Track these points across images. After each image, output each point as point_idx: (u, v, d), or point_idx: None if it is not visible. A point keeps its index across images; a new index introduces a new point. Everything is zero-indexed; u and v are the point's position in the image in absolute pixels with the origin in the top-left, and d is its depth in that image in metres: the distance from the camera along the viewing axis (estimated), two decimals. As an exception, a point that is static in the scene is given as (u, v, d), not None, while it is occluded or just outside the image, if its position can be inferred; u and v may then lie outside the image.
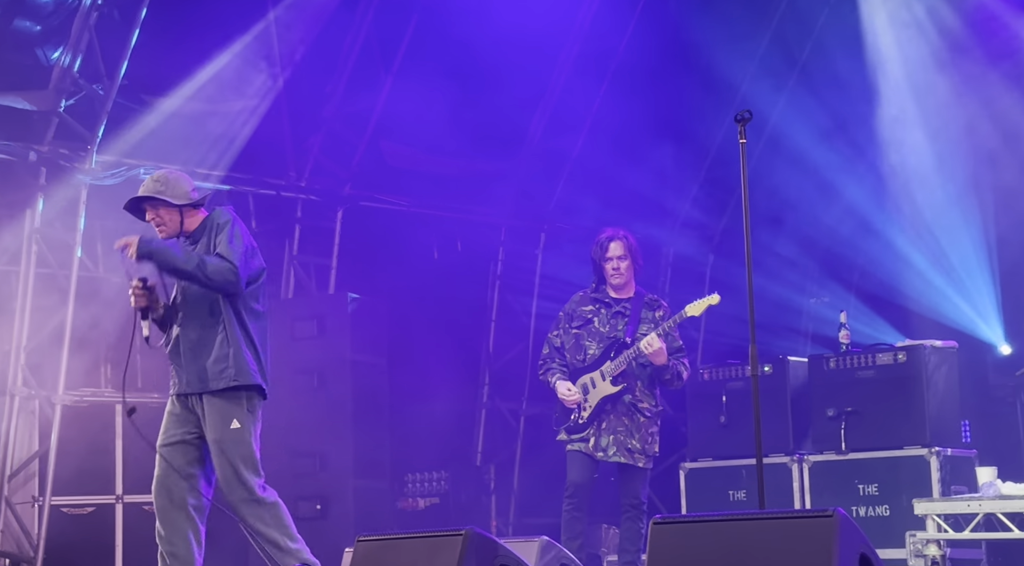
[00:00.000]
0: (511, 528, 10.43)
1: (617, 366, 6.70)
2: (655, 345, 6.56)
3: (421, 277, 10.24)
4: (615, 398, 6.71)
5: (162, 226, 5.60)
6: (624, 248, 6.79)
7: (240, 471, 5.52)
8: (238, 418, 5.52)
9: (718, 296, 6.61)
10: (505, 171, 10.66)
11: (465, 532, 4.68)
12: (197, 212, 5.68)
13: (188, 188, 5.65)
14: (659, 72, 10.55)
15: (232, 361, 5.49)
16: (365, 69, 9.62)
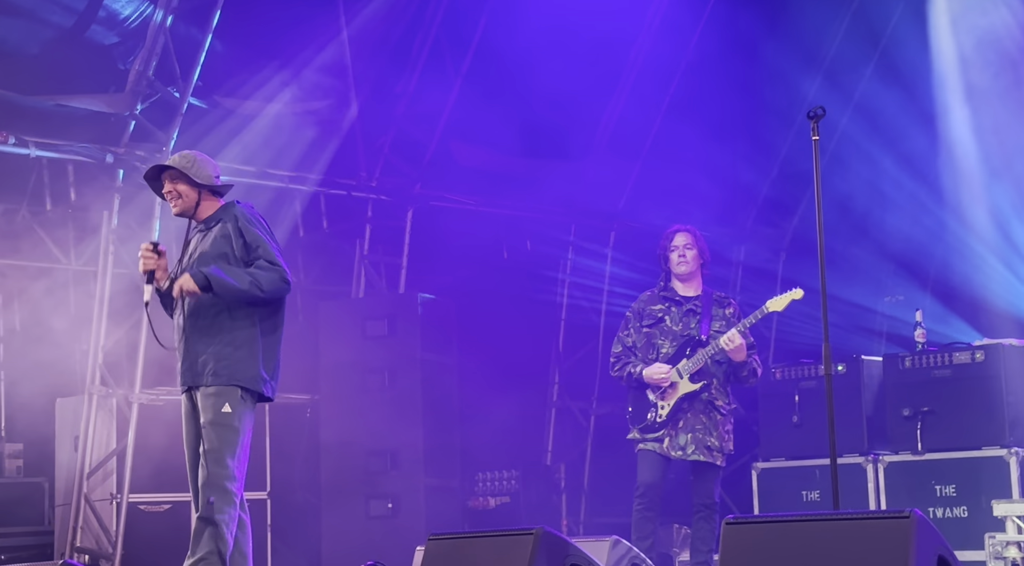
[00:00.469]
0: (581, 527, 10.41)
1: (695, 364, 6.66)
2: (736, 341, 6.52)
3: (491, 276, 10.25)
4: (693, 396, 6.67)
5: (177, 200, 5.47)
6: (690, 238, 6.76)
7: (223, 454, 5.33)
8: (231, 403, 5.35)
9: (801, 291, 6.53)
10: (575, 170, 10.64)
11: (536, 531, 4.68)
12: (215, 200, 5.55)
13: (213, 173, 5.55)
14: (729, 71, 10.47)
15: (234, 361, 5.35)
16: (435, 69, 9.65)
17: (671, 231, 6.82)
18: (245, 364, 5.35)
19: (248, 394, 5.39)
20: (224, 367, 5.33)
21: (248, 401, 5.40)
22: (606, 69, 10.28)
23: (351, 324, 9.18)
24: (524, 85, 9.68)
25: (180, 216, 5.52)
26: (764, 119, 10.84)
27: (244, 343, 5.36)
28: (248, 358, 5.36)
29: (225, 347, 5.34)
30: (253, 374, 5.36)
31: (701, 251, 6.80)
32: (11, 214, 8.53)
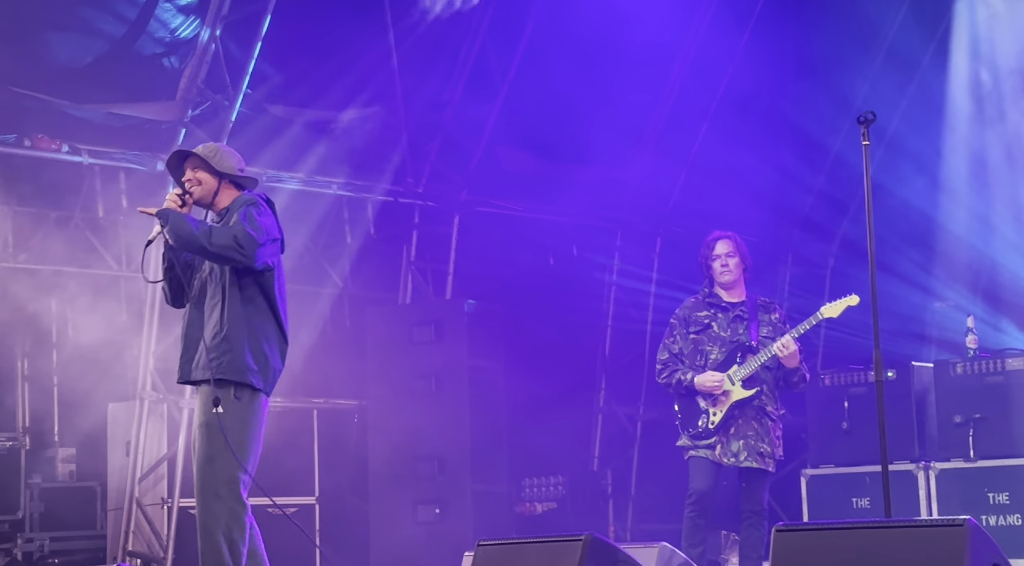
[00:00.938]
0: (629, 533, 10.38)
1: (747, 370, 6.61)
2: (791, 348, 6.47)
3: (537, 281, 10.26)
4: (745, 403, 6.62)
5: (197, 186, 5.36)
6: (731, 246, 6.71)
7: (215, 459, 5.14)
8: (224, 401, 5.16)
9: (857, 297, 6.47)
10: (621, 176, 10.63)
11: (585, 537, 4.68)
12: (234, 191, 5.44)
13: (236, 165, 5.44)
14: (777, 76, 10.42)
15: (224, 354, 5.18)
16: (481, 76, 9.68)
17: (712, 239, 6.77)
18: (232, 356, 5.17)
19: (244, 390, 5.20)
20: (212, 360, 5.17)
21: (246, 399, 5.20)
22: (653, 74, 10.26)
23: (398, 330, 9.22)
24: (570, 91, 9.67)
25: (197, 204, 5.41)
26: (813, 123, 10.77)
27: (231, 335, 5.20)
28: (235, 350, 5.18)
29: (213, 339, 5.20)
30: (240, 366, 5.18)
31: (743, 257, 6.75)
32: (64, 221, 8.64)
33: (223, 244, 5.12)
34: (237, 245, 5.12)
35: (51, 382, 9.73)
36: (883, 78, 10.69)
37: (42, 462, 9.34)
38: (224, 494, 5.12)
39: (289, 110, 8.96)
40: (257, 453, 5.29)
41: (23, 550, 8.77)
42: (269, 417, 8.68)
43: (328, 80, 8.99)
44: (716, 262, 6.72)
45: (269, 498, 5.77)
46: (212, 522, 5.09)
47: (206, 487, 5.12)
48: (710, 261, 6.75)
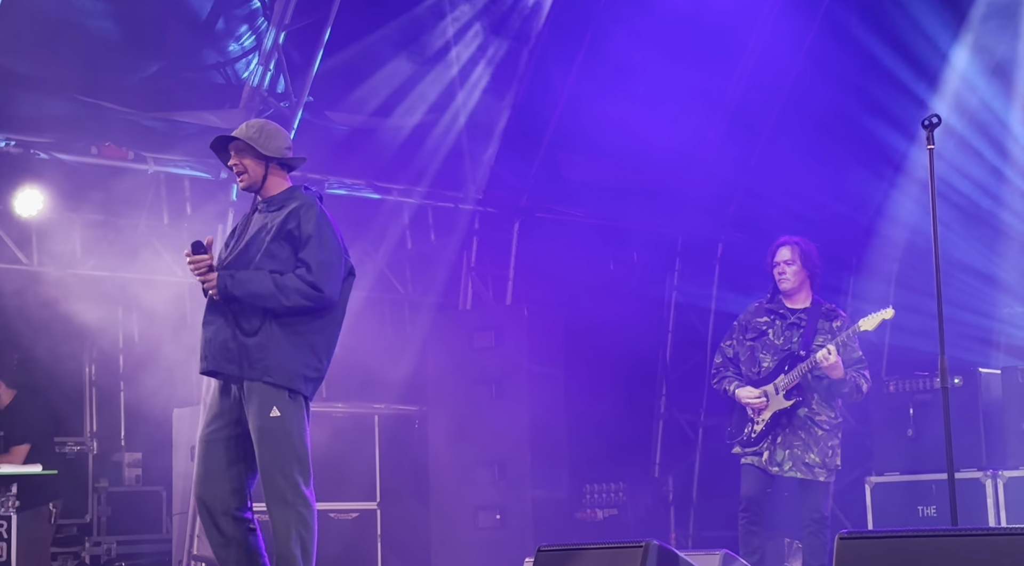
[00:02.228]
0: (690, 540, 10.33)
1: (791, 380, 6.55)
2: (832, 358, 6.40)
3: (597, 288, 10.24)
4: (790, 412, 6.57)
5: (243, 175, 5.09)
6: (793, 253, 6.63)
7: (278, 464, 4.96)
8: (279, 406, 4.97)
9: (892, 311, 6.41)
10: (682, 182, 10.58)
11: (646, 544, 4.66)
12: (284, 175, 5.14)
13: (282, 145, 5.11)
14: (841, 80, 10.31)
15: (271, 356, 4.97)
16: (541, 81, 9.68)
17: (775, 245, 6.71)
18: (286, 359, 4.98)
19: (295, 393, 5.02)
20: (263, 360, 4.94)
21: (299, 402, 5.04)
22: (716, 75, 10.20)
23: (458, 336, 9.24)
24: (632, 94, 9.65)
25: (246, 191, 5.16)
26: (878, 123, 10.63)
27: (285, 336, 4.98)
28: (291, 352, 4.99)
29: (260, 337, 4.96)
30: (293, 371, 4.98)
31: (806, 264, 6.65)
32: (130, 228, 8.77)
33: (298, 301, 4.93)
34: (310, 298, 4.92)
35: (118, 388, 9.88)
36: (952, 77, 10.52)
37: (109, 467, 9.48)
38: (291, 499, 5.00)
39: (351, 117, 9.02)
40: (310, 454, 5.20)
41: (91, 554, 8.90)
42: (332, 422, 8.82)
43: (389, 87, 9.04)
44: (775, 270, 6.66)
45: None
46: (284, 530, 4.98)
47: (272, 494, 4.99)
48: (771, 268, 6.69)
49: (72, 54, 8.00)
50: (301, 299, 4.94)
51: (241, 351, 4.98)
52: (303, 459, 5.05)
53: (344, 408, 8.98)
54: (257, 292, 4.93)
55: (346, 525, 8.67)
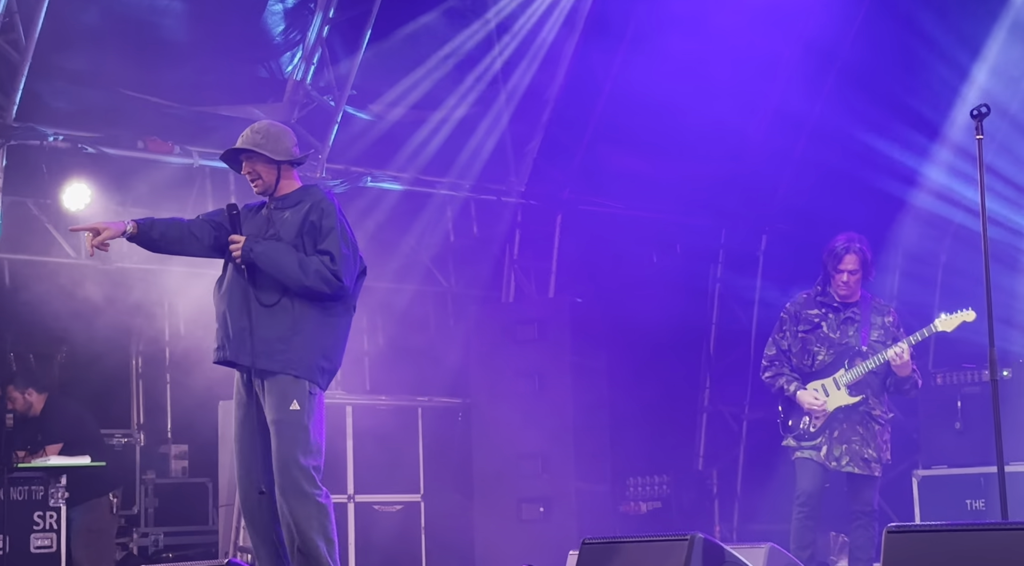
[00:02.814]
0: (735, 534, 10.28)
1: (854, 376, 6.48)
2: (905, 357, 6.33)
3: (640, 280, 10.20)
4: (849, 407, 6.51)
5: (257, 180, 5.14)
6: (858, 263, 6.51)
7: (296, 457, 4.98)
8: (298, 399, 5.00)
9: (974, 313, 6.30)
10: (725, 173, 10.52)
11: (691, 537, 4.65)
12: (294, 173, 5.22)
13: (290, 144, 5.18)
14: (886, 66, 10.20)
15: (293, 349, 5.01)
16: (583, 73, 9.65)
17: (841, 248, 6.52)
18: (305, 352, 5.01)
19: (314, 385, 5.06)
20: (285, 351, 4.99)
21: (316, 393, 5.06)
22: (758, 67, 10.12)
23: (501, 328, 9.24)
24: (674, 87, 9.60)
25: (262, 195, 5.22)
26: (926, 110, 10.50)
27: (304, 329, 5.02)
28: (309, 345, 5.02)
29: (281, 330, 5.00)
30: (312, 363, 5.02)
31: (867, 272, 6.55)
32: (175, 221, 8.82)
33: (316, 283, 4.98)
34: (329, 281, 4.98)
35: (164, 380, 9.97)
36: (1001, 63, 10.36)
37: (156, 459, 9.57)
38: (309, 490, 5.00)
39: (393, 111, 9.04)
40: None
41: (139, 545, 9.00)
42: (376, 415, 8.85)
43: (431, 80, 9.05)
44: (839, 277, 6.53)
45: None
46: (306, 524, 4.97)
47: (291, 487, 4.98)
48: (834, 272, 6.57)
49: (118, 49, 8.07)
50: (320, 282, 5.00)
51: (260, 343, 5.02)
52: (319, 451, 5.07)
53: (388, 401, 9.01)
54: (280, 263, 4.99)
55: (390, 517, 8.71)
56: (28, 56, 7.49)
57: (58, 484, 7.69)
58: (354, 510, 8.58)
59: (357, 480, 8.62)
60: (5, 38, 7.50)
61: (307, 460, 5.00)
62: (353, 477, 8.61)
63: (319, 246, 5.05)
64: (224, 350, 5.11)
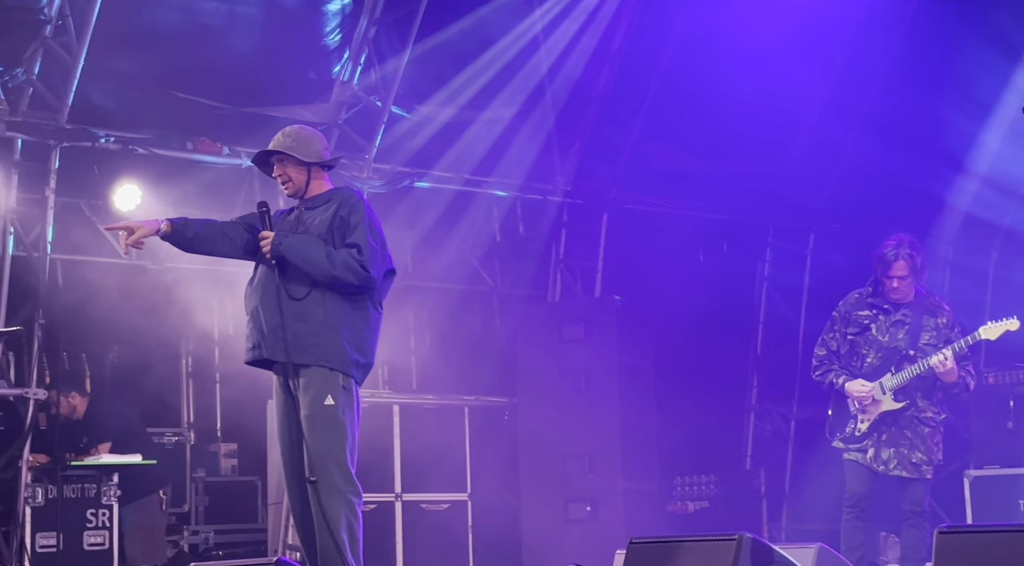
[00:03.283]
0: (783, 534, 10.22)
1: (899, 381, 6.42)
2: (949, 364, 6.26)
3: (687, 279, 10.17)
4: (897, 412, 6.44)
5: (288, 183, 5.21)
6: (908, 268, 6.42)
7: (330, 451, 5.01)
8: (332, 394, 5.03)
9: (1018, 322, 6.23)
10: (773, 171, 10.46)
11: (739, 537, 4.63)
12: (324, 176, 5.28)
13: (320, 147, 5.25)
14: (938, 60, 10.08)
15: (325, 342, 5.04)
16: (630, 71, 9.63)
17: (891, 253, 6.42)
18: (338, 345, 5.04)
19: (349, 379, 5.09)
20: (314, 346, 5.02)
21: (352, 388, 5.09)
22: (805, 65, 10.05)
23: (547, 328, 9.24)
24: (719, 85, 9.56)
25: (293, 197, 5.29)
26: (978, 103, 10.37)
27: (336, 323, 5.06)
28: (341, 339, 5.06)
29: (313, 324, 5.04)
30: (346, 356, 5.05)
31: (917, 276, 6.45)
32: (224, 222, 8.89)
33: (344, 274, 5.03)
34: (357, 273, 5.03)
35: (213, 379, 10.05)
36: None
37: (206, 457, 9.66)
38: (342, 486, 5.02)
39: (439, 110, 9.06)
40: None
41: (189, 542, 9.08)
42: (422, 414, 8.88)
43: (479, 80, 9.06)
44: (889, 282, 6.46)
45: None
46: (335, 519, 4.99)
47: (323, 481, 5.00)
48: (883, 277, 6.49)
49: (167, 51, 8.15)
50: (348, 273, 5.04)
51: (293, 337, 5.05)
52: (353, 447, 5.09)
53: (434, 400, 9.04)
54: (308, 254, 5.05)
55: (437, 516, 8.74)
56: (80, 59, 7.58)
57: (110, 482, 7.78)
58: (401, 509, 8.61)
59: (404, 479, 8.65)
60: (58, 41, 7.60)
61: (341, 455, 5.03)
62: (400, 476, 8.64)
63: (347, 239, 5.11)
64: (259, 349, 5.15)
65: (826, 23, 9.94)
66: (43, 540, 7.51)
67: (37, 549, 7.49)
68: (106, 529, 7.72)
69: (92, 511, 7.68)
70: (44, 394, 7.84)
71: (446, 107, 9.07)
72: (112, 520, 7.74)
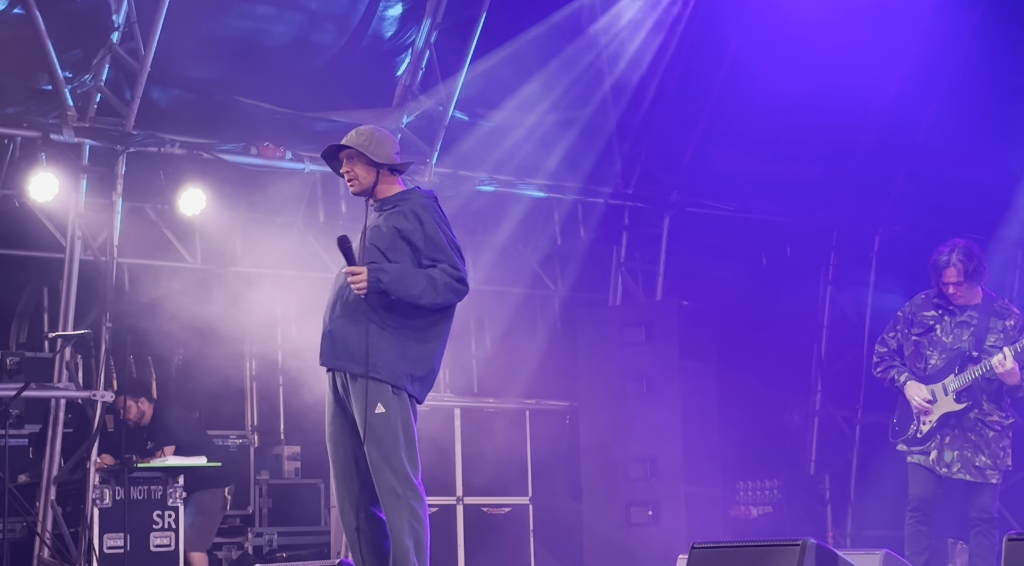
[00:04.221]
0: (848, 540, 10.12)
1: (962, 382, 6.32)
2: (1008, 365, 6.16)
3: (749, 282, 10.10)
4: (960, 414, 6.35)
5: (354, 181, 5.15)
6: (960, 274, 6.35)
7: (388, 459, 4.97)
8: (383, 402, 4.98)
9: None
10: (837, 173, 10.36)
11: (803, 542, 4.58)
12: (395, 179, 5.20)
13: (392, 150, 5.17)
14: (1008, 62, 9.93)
15: (378, 353, 4.99)
16: (693, 74, 9.58)
17: (942, 261, 6.37)
18: (392, 357, 5.00)
19: (401, 391, 5.03)
20: (367, 356, 4.99)
21: (404, 399, 5.04)
22: (872, 66, 9.94)
23: (609, 331, 9.23)
24: (783, 86, 9.47)
25: (358, 196, 5.24)
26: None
27: (394, 334, 5.01)
28: (398, 350, 5.02)
29: (374, 335, 4.99)
30: (399, 370, 5.01)
31: (973, 276, 6.34)
32: (288, 227, 8.98)
33: (447, 297, 5.01)
34: (460, 293, 5.01)
35: (277, 382, 10.14)
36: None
37: (270, 459, 9.74)
38: (402, 492, 4.99)
39: (501, 114, 9.08)
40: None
41: (253, 544, 9.16)
42: (483, 417, 8.90)
43: (540, 83, 9.06)
44: (945, 289, 6.40)
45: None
46: (397, 523, 4.97)
47: (383, 488, 4.98)
48: (938, 283, 6.41)
49: (232, 56, 8.23)
50: (451, 294, 5.02)
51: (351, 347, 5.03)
52: (411, 452, 5.04)
53: (496, 403, 9.05)
54: (410, 286, 4.98)
55: (499, 519, 8.74)
56: (147, 64, 7.67)
57: (176, 484, 7.87)
58: (463, 512, 8.63)
59: (466, 482, 8.66)
60: (124, 47, 7.70)
61: (397, 461, 5.00)
62: (462, 479, 8.66)
63: (436, 257, 5.05)
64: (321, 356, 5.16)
65: (893, 24, 9.82)
66: (111, 541, 7.62)
67: (105, 550, 7.59)
68: (172, 530, 7.81)
69: (158, 512, 7.78)
70: (111, 397, 7.94)
71: (507, 111, 9.08)
72: (177, 521, 7.83)
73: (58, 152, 7.75)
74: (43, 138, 7.71)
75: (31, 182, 7.68)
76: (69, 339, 7.78)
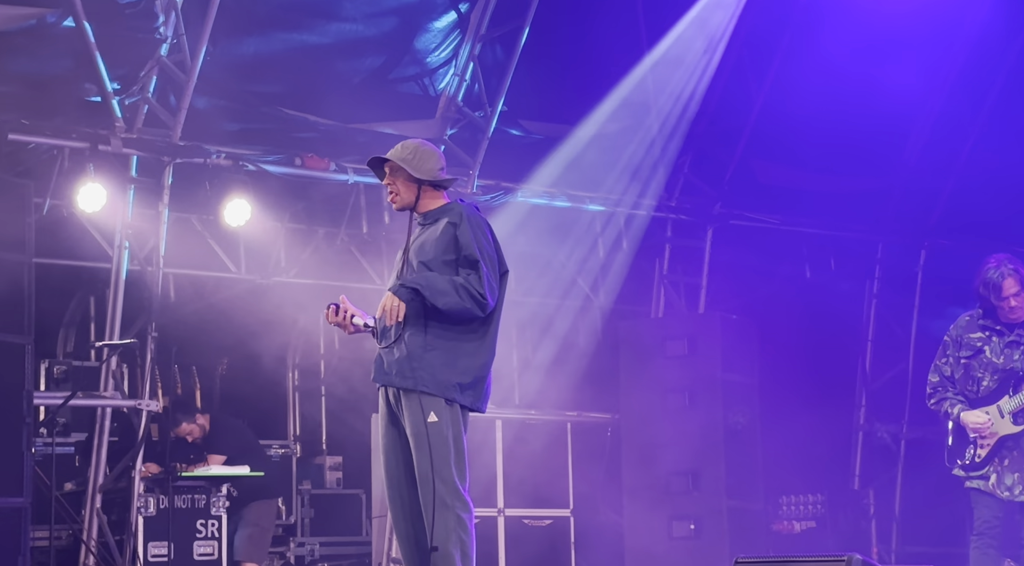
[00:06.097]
0: (893, 556, 10.01)
1: (1018, 403, 6.21)
2: None
3: (793, 295, 10.05)
4: (1018, 436, 6.24)
5: (395, 195, 5.13)
6: (1018, 283, 6.24)
7: (436, 470, 4.95)
8: (435, 411, 4.98)
9: None
10: (882, 186, 10.28)
11: (848, 558, 4.55)
12: (438, 194, 5.16)
13: (436, 166, 5.13)
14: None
15: (423, 367, 5.01)
16: (736, 86, 9.55)
17: (995, 275, 6.19)
18: (436, 369, 5.00)
19: (454, 402, 5.04)
20: (416, 370, 4.99)
21: (456, 410, 5.04)
22: (917, 79, 9.86)
23: (651, 344, 9.20)
24: (827, 98, 9.42)
25: (399, 211, 5.22)
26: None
27: (439, 346, 5.01)
28: (442, 362, 5.01)
29: (419, 349, 5.01)
30: (447, 381, 5.01)
31: None
32: (331, 237, 9.03)
33: (471, 305, 4.98)
34: (480, 299, 4.98)
35: (319, 393, 10.18)
36: None
37: (311, 469, 9.78)
38: (450, 502, 4.98)
39: (544, 126, 9.09)
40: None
41: (295, 554, 9.19)
42: (525, 429, 8.89)
43: (582, 95, 9.07)
44: (1003, 304, 6.23)
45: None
46: (443, 533, 4.95)
47: (431, 498, 4.98)
48: (994, 301, 6.24)
49: (277, 68, 8.30)
50: (474, 305, 5.00)
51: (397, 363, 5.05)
52: (460, 463, 5.04)
53: (537, 416, 9.04)
54: (438, 288, 4.99)
55: (540, 532, 8.73)
56: (194, 76, 7.75)
57: (219, 493, 7.92)
58: (504, 524, 8.62)
59: (507, 494, 8.66)
60: (172, 59, 7.78)
61: (447, 471, 5.00)
62: (503, 491, 8.65)
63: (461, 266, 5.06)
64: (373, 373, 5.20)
65: (939, 36, 9.74)
66: (155, 549, 7.67)
67: (149, 558, 7.64)
68: (215, 539, 7.85)
69: (202, 521, 7.82)
70: (157, 406, 8.01)
71: (550, 122, 9.09)
72: (221, 530, 7.88)
73: (106, 163, 7.83)
74: (91, 149, 7.80)
75: (79, 192, 7.76)
76: (115, 348, 7.85)
